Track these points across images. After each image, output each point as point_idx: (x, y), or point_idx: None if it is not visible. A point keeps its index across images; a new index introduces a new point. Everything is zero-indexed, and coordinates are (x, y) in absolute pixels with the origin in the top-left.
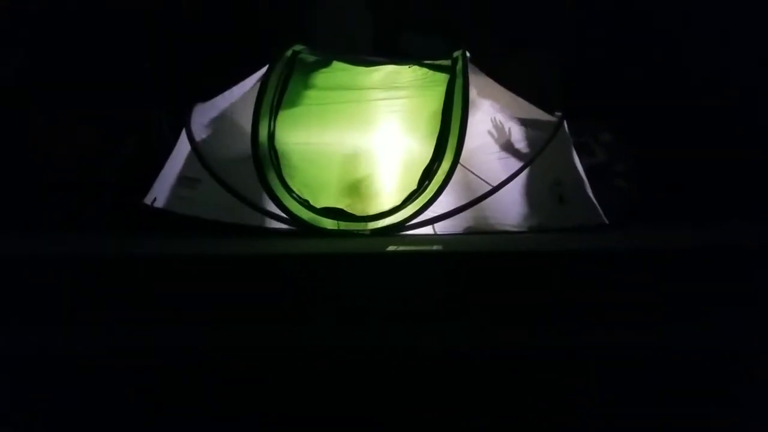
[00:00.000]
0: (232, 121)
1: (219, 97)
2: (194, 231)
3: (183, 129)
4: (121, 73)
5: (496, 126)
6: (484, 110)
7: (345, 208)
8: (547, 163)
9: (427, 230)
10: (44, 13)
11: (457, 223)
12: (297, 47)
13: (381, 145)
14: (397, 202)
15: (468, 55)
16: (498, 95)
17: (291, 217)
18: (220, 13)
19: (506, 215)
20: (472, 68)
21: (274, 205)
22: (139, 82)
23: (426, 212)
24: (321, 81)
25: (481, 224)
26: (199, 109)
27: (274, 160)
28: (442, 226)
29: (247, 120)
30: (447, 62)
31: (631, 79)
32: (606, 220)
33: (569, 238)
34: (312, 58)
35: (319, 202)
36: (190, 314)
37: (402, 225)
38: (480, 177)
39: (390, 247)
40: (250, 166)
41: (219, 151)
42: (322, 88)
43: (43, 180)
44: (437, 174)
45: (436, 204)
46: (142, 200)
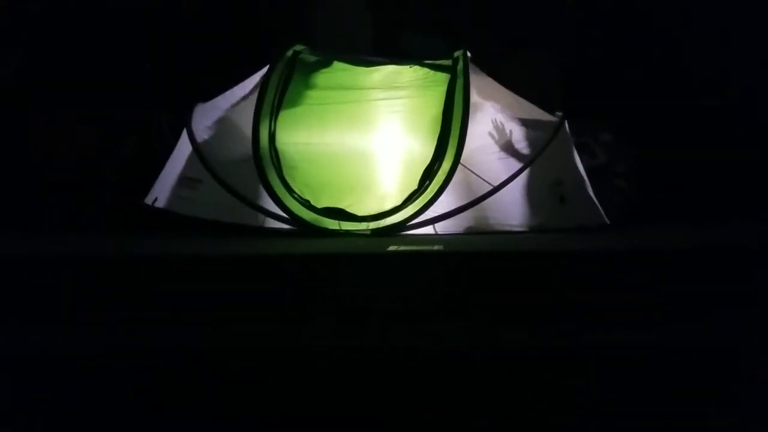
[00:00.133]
0: (233, 122)
1: (220, 97)
2: (195, 231)
3: (183, 129)
4: (122, 73)
5: (497, 127)
6: (485, 111)
7: (346, 208)
8: (548, 163)
9: (428, 230)
10: (44, 13)
11: (458, 223)
12: (297, 47)
13: (382, 145)
14: (398, 202)
15: (469, 55)
16: (499, 95)
17: (292, 218)
18: (221, 13)
19: (507, 215)
20: (473, 68)
21: (275, 206)
22: (140, 82)
23: (427, 212)
24: (322, 81)
25: (482, 224)
26: (199, 109)
27: (275, 160)
28: (442, 226)
29: (248, 121)
30: (448, 62)
31: (631, 79)
32: (607, 220)
33: (570, 238)
34: (313, 59)
35: (320, 202)
36: (190, 314)
37: (403, 225)
38: (481, 177)
39: (391, 247)
40: (251, 166)
41: (220, 152)
42: (322, 89)
43: (44, 180)
44: (438, 174)
45: (436, 204)
46: (143, 200)
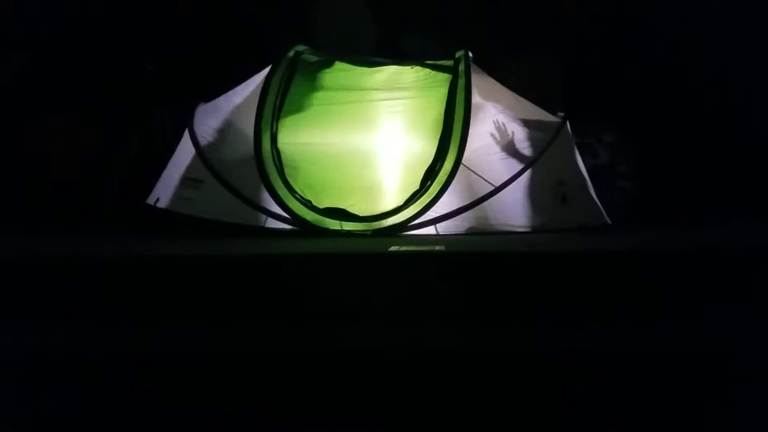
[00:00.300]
0: (235, 122)
1: (221, 98)
2: (197, 231)
3: (185, 129)
4: (123, 74)
5: (499, 127)
6: (487, 111)
7: (347, 209)
8: (550, 163)
9: (430, 230)
10: (46, 14)
11: (460, 224)
12: (299, 48)
13: (383, 146)
14: (400, 203)
15: (470, 56)
16: (500, 96)
17: (293, 218)
18: (223, 13)
19: (508, 215)
20: (475, 69)
21: (277, 206)
22: (141, 82)
23: (428, 212)
24: (323, 82)
25: (484, 224)
26: (201, 109)
27: (276, 161)
28: (444, 227)
29: (250, 121)
30: (449, 63)
31: (633, 80)
32: (608, 220)
33: (571, 239)
34: (314, 59)
35: (322, 203)
36: (191, 314)
37: (404, 225)
38: (482, 177)
39: (392, 248)
40: (252, 166)
41: (222, 152)
42: (324, 89)
43: (46, 180)
44: (440, 174)
45: (438, 204)
46: (145, 200)
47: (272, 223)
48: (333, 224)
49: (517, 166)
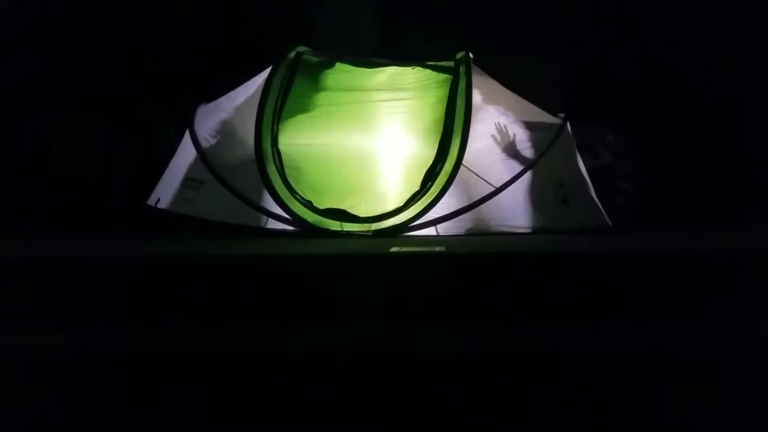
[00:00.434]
0: (236, 123)
1: (223, 99)
2: (198, 232)
3: (186, 130)
4: (125, 74)
5: (499, 129)
6: (487, 112)
7: (348, 209)
8: (551, 164)
9: (430, 231)
10: (47, 15)
11: (460, 225)
12: (300, 48)
13: (384, 147)
14: (400, 203)
15: (471, 57)
16: (501, 97)
17: (294, 219)
18: (224, 14)
19: (509, 216)
20: (475, 70)
21: (278, 207)
22: (143, 83)
23: (429, 213)
24: (324, 82)
25: (484, 225)
26: (202, 110)
27: (277, 162)
28: (444, 228)
29: (251, 122)
30: (450, 64)
31: (635, 81)
32: (610, 222)
33: (572, 240)
34: (315, 60)
35: (323, 204)
36: (192, 314)
37: (405, 226)
38: (483, 178)
39: (393, 249)
40: (253, 167)
41: (223, 153)
42: (325, 90)
43: (47, 181)
44: (440, 175)
45: (438, 205)
46: (146, 201)
47: (273, 224)
48: (333, 225)
49: (518, 167)
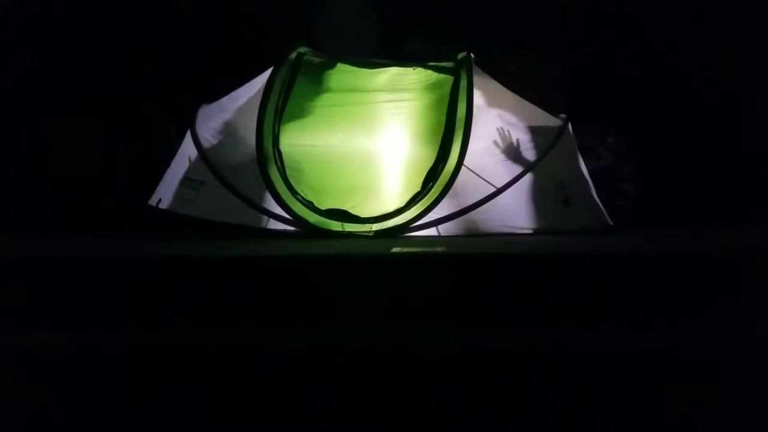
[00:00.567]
0: (238, 124)
1: (224, 99)
2: (199, 232)
3: (188, 131)
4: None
5: (501, 133)
6: (488, 113)
7: (349, 210)
8: (552, 165)
9: (432, 232)
10: (48, 15)
11: (462, 225)
12: (301, 49)
13: (385, 147)
14: (402, 204)
15: (472, 57)
16: (502, 98)
17: (296, 219)
18: (225, 14)
19: (510, 217)
20: (476, 70)
21: (279, 207)
22: (143, 83)
23: (430, 214)
24: (326, 83)
25: (486, 226)
26: (204, 110)
27: (278, 162)
28: (446, 228)
29: (252, 122)
30: (451, 64)
31: (636, 82)
32: (611, 223)
33: (574, 241)
34: (316, 60)
35: (324, 204)
36: (193, 315)
37: (406, 227)
38: (484, 179)
39: (394, 249)
40: (255, 168)
41: (224, 154)
42: (326, 90)
43: (47, 181)
44: (441, 176)
45: (440, 206)
46: (147, 202)
47: (274, 225)
48: (335, 225)
49: (519, 168)
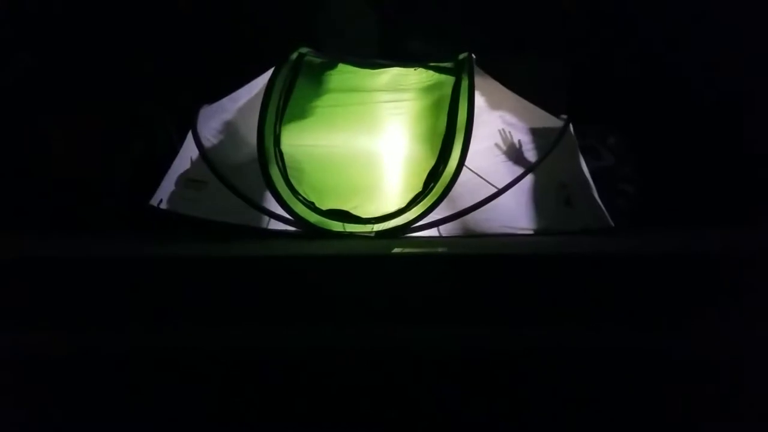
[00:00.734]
0: (239, 124)
1: (225, 99)
2: (200, 233)
3: (189, 131)
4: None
5: (503, 135)
6: (490, 113)
7: (350, 210)
8: (553, 166)
9: (433, 232)
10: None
11: (462, 226)
12: (302, 49)
13: (387, 148)
14: (403, 204)
15: (474, 58)
16: (503, 99)
17: (297, 220)
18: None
19: (511, 218)
20: (478, 71)
21: (280, 208)
22: (143, 83)
23: (431, 214)
24: (327, 83)
25: (487, 227)
26: (205, 111)
27: (280, 162)
28: (447, 229)
29: (254, 123)
30: (452, 65)
31: (637, 82)
32: (612, 223)
33: (575, 241)
34: (318, 61)
35: (325, 204)
36: (194, 315)
37: (407, 227)
38: (485, 180)
39: (395, 249)
40: (256, 168)
41: (225, 154)
42: (327, 91)
43: (47, 181)
44: (443, 176)
45: (441, 206)
46: (148, 202)
47: (275, 225)
48: (336, 226)
49: (520, 169)
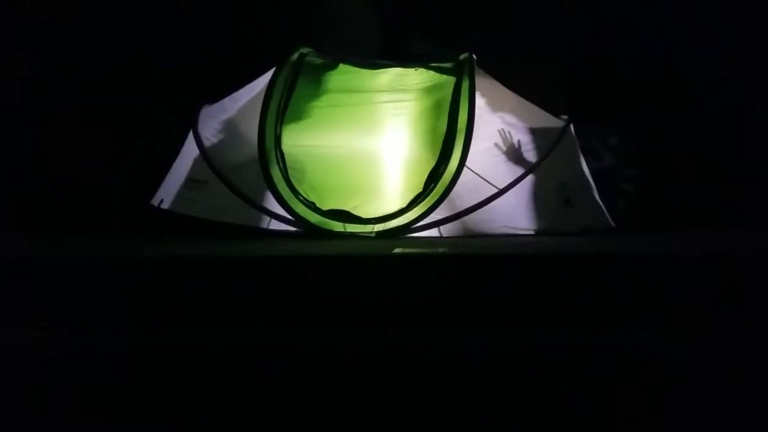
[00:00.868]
0: (240, 124)
1: (226, 99)
2: (200, 233)
3: (190, 131)
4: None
5: (503, 131)
6: (490, 114)
7: (351, 211)
8: (554, 166)
9: (433, 233)
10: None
11: (463, 226)
12: (303, 50)
13: (387, 148)
14: (403, 205)
15: (474, 58)
16: (504, 100)
17: (297, 220)
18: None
19: (512, 218)
20: (478, 71)
21: (281, 208)
22: (143, 83)
23: (432, 215)
24: (327, 84)
25: (487, 227)
26: (206, 111)
27: (280, 163)
28: (447, 229)
29: (254, 123)
30: (453, 65)
31: (638, 82)
32: (612, 224)
33: (576, 242)
34: (318, 61)
35: (326, 205)
36: (195, 315)
37: (408, 227)
38: (486, 180)
39: (396, 250)
40: (257, 168)
41: (226, 154)
42: (328, 91)
43: (47, 181)
44: (443, 176)
45: (441, 206)
46: (149, 202)
47: (276, 225)
48: (336, 226)
49: (521, 170)
